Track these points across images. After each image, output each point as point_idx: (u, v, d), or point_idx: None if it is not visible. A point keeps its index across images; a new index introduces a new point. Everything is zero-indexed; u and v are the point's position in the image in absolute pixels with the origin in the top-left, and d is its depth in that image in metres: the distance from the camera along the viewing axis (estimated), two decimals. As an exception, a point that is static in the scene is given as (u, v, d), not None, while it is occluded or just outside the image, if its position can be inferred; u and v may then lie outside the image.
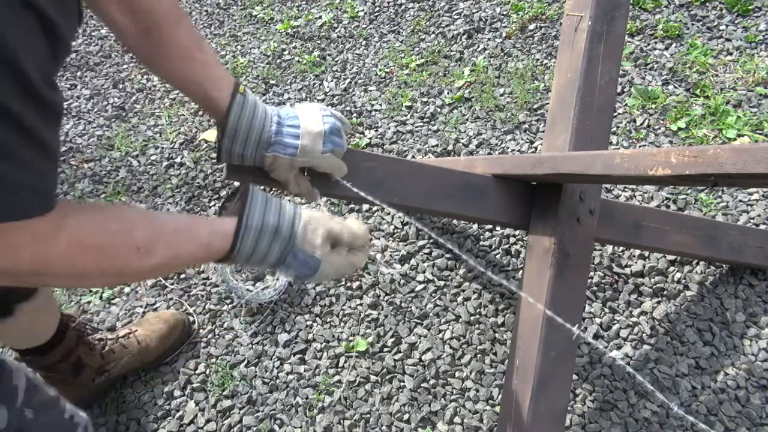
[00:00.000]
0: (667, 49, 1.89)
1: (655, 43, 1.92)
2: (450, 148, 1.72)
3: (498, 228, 1.54)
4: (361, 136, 1.80)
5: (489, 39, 2.02)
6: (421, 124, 1.80)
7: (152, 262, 0.61)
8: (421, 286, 1.45)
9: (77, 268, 0.56)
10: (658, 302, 1.39)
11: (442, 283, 1.46)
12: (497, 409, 1.26)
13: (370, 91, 1.92)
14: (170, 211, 1.60)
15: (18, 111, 0.43)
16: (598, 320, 1.37)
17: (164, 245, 0.63)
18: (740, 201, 1.54)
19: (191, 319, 1.43)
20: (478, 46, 2.00)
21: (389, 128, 1.80)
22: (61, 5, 0.47)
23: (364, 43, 2.08)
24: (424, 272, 1.48)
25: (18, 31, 0.41)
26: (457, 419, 1.26)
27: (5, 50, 0.40)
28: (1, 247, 0.51)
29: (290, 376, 1.34)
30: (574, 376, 1.28)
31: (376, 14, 2.18)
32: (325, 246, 0.78)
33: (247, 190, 0.74)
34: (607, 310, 1.39)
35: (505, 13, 2.10)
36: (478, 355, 1.34)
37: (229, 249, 0.70)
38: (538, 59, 1.93)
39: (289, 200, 1.50)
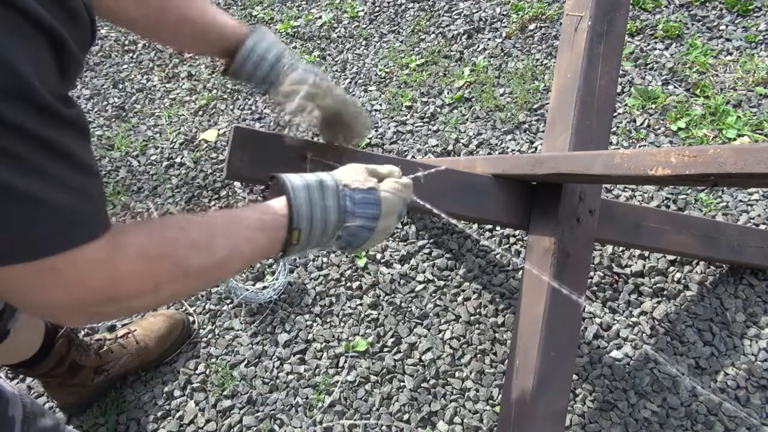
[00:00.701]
0: (667, 49, 1.89)
1: (655, 43, 1.92)
2: (450, 148, 1.72)
3: (498, 228, 1.54)
4: (361, 136, 1.80)
5: (489, 39, 2.02)
6: (421, 124, 1.80)
7: (216, 258, 0.60)
8: (421, 286, 1.45)
9: (149, 281, 0.54)
10: (658, 302, 1.39)
11: (442, 283, 1.46)
12: (497, 409, 1.26)
13: (370, 91, 1.92)
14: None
15: (34, 128, 0.40)
16: (598, 320, 1.37)
17: (221, 237, 0.61)
18: (740, 201, 1.54)
19: (191, 319, 1.43)
20: (478, 46, 2.00)
21: (389, 128, 1.80)
22: (72, 22, 0.45)
23: (364, 43, 2.08)
24: (424, 272, 1.48)
25: (26, 54, 0.39)
26: (457, 419, 1.26)
27: (17, 79, 0.39)
28: (61, 282, 0.46)
29: (290, 376, 1.34)
30: (574, 376, 1.28)
31: (376, 14, 2.18)
32: (372, 179, 0.73)
33: (275, 175, 0.71)
34: (607, 310, 1.39)
35: (505, 13, 2.09)
36: (478, 355, 1.34)
37: (287, 215, 0.65)
38: (538, 59, 1.93)
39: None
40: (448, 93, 1.88)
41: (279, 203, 0.67)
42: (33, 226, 0.41)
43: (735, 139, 1.63)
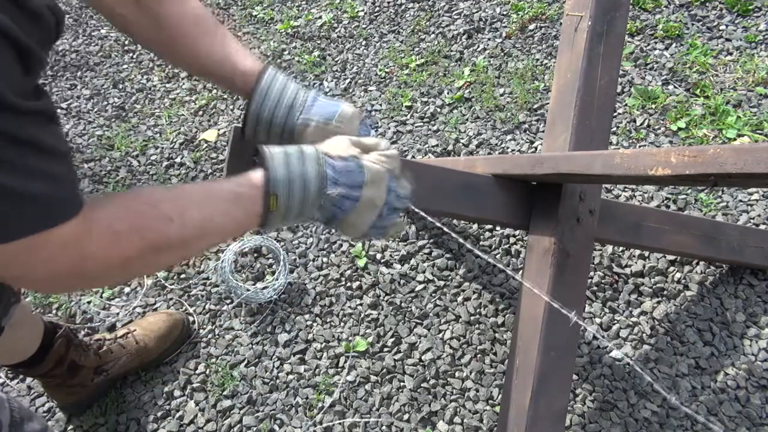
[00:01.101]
0: (667, 49, 1.89)
1: (655, 43, 1.92)
2: (450, 148, 1.72)
3: (498, 228, 1.54)
4: (361, 136, 1.79)
5: (489, 39, 2.02)
6: (421, 124, 1.80)
7: (190, 230, 0.59)
8: (421, 286, 1.45)
9: (116, 255, 0.54)
10: (658, 302, 1.39)
11: (442, 283, 1.46)
12: (497, 409, 1.26)
13: (370, 91, 1.92)
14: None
15: (3, 127, 0.43)
16: (598, 320, 1.37)
17: (196, 210, 0.60)
18: (740, 201, 1.54)
19: (191, 319, 1.43)
20: (478, 46, 2.00)
21: (389, 128, 1.80)
22: (35, 24, 0.47)
23: (364, 43, 2.08)
24: (424, 272, 1.48)
25: None
26: (457, 419, 1.26)
27: None
28: (36, 259, 0.49)
29: (290, 376, 1.33)
30: (574, 376, 1.28)
31: (376, 14, 2.18)
32: (356, 149, 0.71)
33: (257, 147, 0.68)
34: (607, 310, 1.39)
35: (505, 13, 2.09)
36: (478, 355, 1.34)
37: (264, 184, 0.64)
38: (538, 59, 1.93)
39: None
40: (448, 93, 1.88)
41: (257, 174, 0.65)
42: (9, 213, 0.45)
43: (735, 139, 1.63)
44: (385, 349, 1.37)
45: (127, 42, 2.24)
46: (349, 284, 1.47)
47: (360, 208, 0.70)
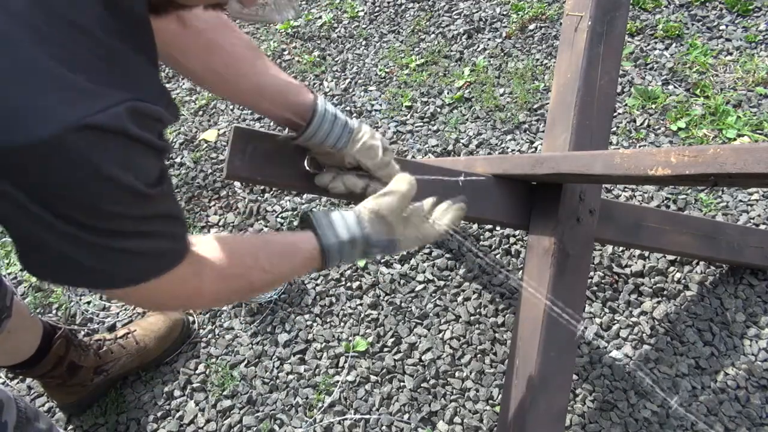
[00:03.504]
0: (667, 49, 1.89)
1: (655, 43, 1.92)
2: (450, 148, 1.72)
3: (498, 228, 1.54)
4: (361, 136, 1.79)
5: (489, 39, 2.02)
6: (421, 124, 1.80)
7: (276, 279, 0.78)
8: (421, 286, 1.45)
9: (223, 293, 0.71)
10: (658, 302, 1.39)
11: (442, 283, 1.46)
12: (497, 409, 1.26)
13: (370, 91, 1.92)
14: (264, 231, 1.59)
15: (138, 212, 0.54)
16: (598, 320, 1.37)
17: (278, 262, 0.76)
18: (740, 201, 1.54)
19: (191, 319, 1.43)
20: (478, 46, 2.00)
21: (389, 128, 1.80)
22: (159, 123, 0.55)
23: (364, 43, 2.08)
24: (424, 272, 1.48)
25: (134, 164, 0.51)
26: (457, 419, 1.26)
27: (121, 185, 0.50)
28: (157, 297, 0.64)
29: (290, 376, 1.34)
30: (574, 376, 1.28)
31: (376, 14, 2.18)
32: (398, 227, 0.84)
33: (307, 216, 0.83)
34: (607, 310, 1.39)
35: (505, 13, 2.09)
36: (478, 355, 1.34)
37: (318, 245, 0.78)
38: (538, 59, 1.93)
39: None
40: (448, 93, 1.88)
41: (316, 255, 0.79)
42: (144, 264, 0.58)
43: (735, 139, 1.63)
44: (385, 349, 1.37)
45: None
46: (349, 284, 1.47)
47: (401, 247, 0.87)
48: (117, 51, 0.48)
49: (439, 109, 1.84)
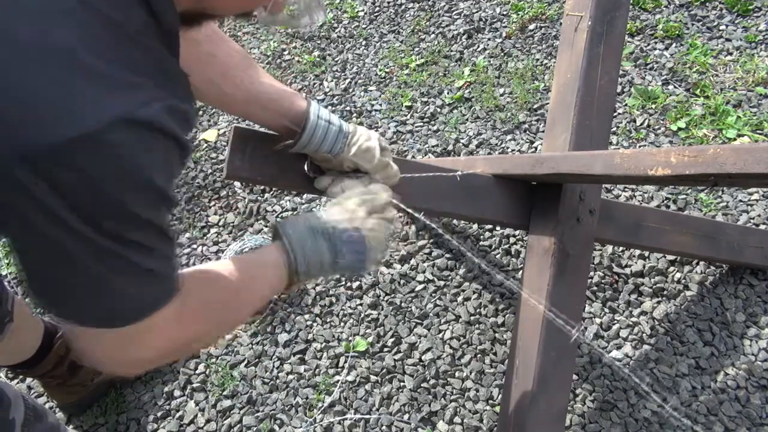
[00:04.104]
0: (667, 49, 1.89)
1: (655, 43, 1.92)
2: (450, 148, 1.72)
3: (498, 228, 1.54)
4: (361, 136, 1.79)
5: (489, 39, 2.02)
6: (421, 124, 1.80)
7: (256, 306, 0.76)
8: (421, 286, 1.45)
9: (201, 330, 0.67)
10: (658, 302, 1.39)
11: (442, 283, 1.46)
12: (497, 409, 1.26)
13: (370, 91, 1.92)
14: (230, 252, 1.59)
15: (160, 221, 0.52)
16: (598, 320, 1.37)
17: (266, 291, 0.76)
18: (740, 201, 1.54)
19: (191, 319, 1.43)
20: (478, 46, 2.00)
21: (389, 128, 1.80)
22: (188, 126, 0.55)
23: (364, 43, 2.08)
24: (424, 272, 1.48)
25: (163, 165, 0.51)
26: (457, 419, 1.26)
27: (152, 186, 0.50)
28: (145, 341, 0.58)
29: (290, 376, 1.34)
30: (574, 376, 1.28)
31: (376, 14, 2.18)
32: (360, 214, 0.83)
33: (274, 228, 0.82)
34: (607, 310, 1.39)
35: (505, 13, 2.09)
36: (478, 355, 1.34)
37: (285, 259, 0.77)
38: (538, 59, 1.93)
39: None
40: (448, 93, 1.88)
41: (281, 257, 0.78)
42: (144, 291, 0.55)
43: (735, 139, 1.63)
44: (385, 349, 1.37)
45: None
46: (349, 284, 1.47)
47: (368, 263, 0.84)
48: (156, 51, 0.50)
49: (439, 109, 1.84)
